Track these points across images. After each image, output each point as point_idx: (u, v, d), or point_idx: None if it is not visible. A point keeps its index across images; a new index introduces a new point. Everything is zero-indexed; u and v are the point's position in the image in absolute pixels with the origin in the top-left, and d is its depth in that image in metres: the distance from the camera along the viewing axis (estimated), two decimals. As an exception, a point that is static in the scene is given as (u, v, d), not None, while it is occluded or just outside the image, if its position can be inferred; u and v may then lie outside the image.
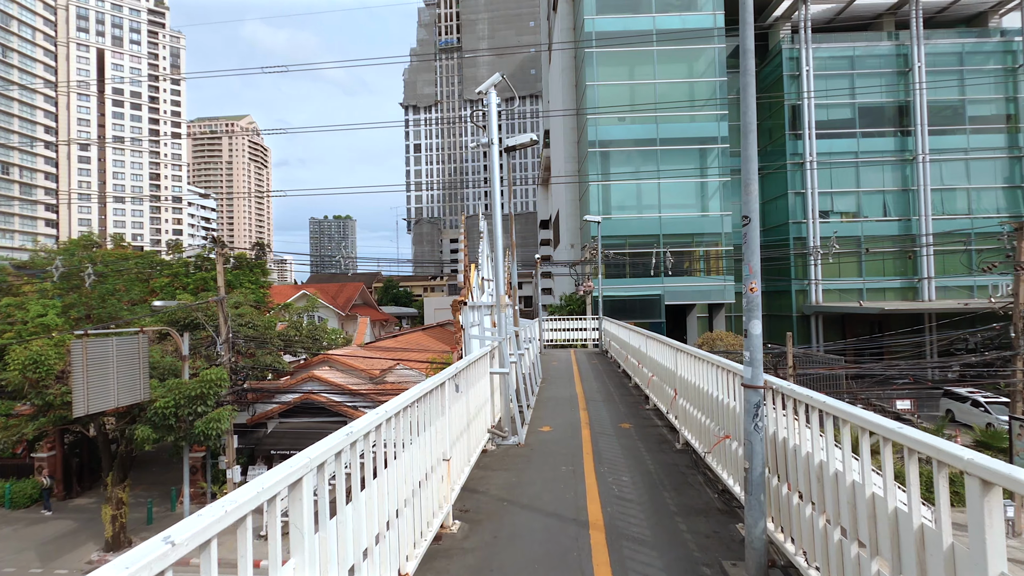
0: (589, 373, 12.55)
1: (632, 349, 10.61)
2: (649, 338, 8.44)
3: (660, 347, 7.52)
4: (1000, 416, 25.10)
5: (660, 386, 7.55)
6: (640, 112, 33.41)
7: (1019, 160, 35.88)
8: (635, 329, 10.30)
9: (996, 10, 37.46)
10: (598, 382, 11.20)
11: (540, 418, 7.86)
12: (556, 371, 13.03)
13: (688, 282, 33.52)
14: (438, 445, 3.73)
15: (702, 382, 5.12)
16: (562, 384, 11.02)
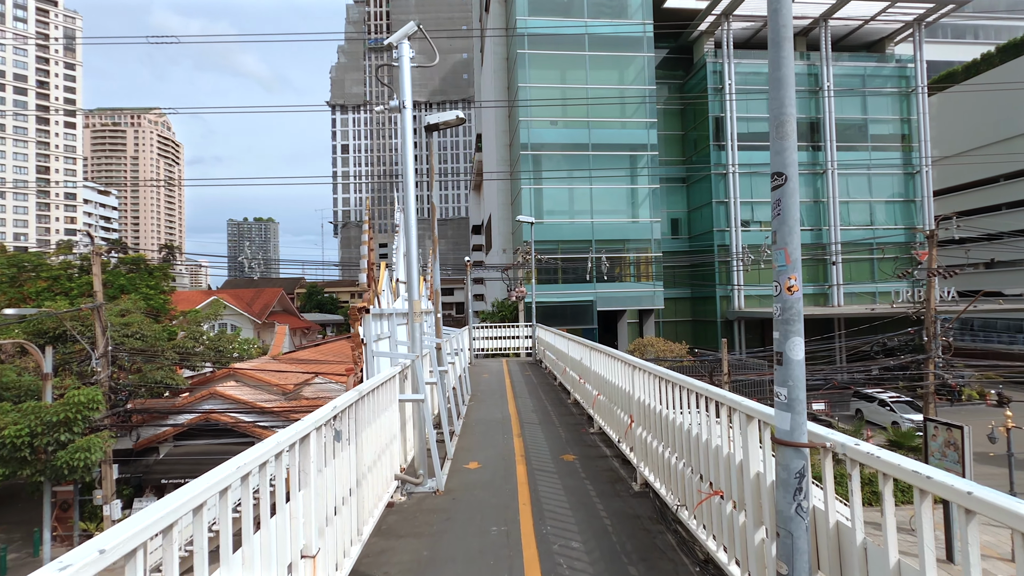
0: (523, 387, 11.47)
1: (571, 361, 9.50)
2: (593, 350, 7.31)
3: (609, 362, 6.43)
4: (904, 415, 26.70)
5: (609, 408, 6.43)
6: (572, 116, 33.08)
7: (912, 176, 39.09)
8: (573, 339, 9.20)
9: (892, 38, 40.81)
10: (533, 398, 10.13)
11: (467, 449, 6.54)
12: (487, 385, 11.80)
13: (620, 288, 33.46)
14: (291, 541, 2.30)
15: (673, 412, 3.96)
16: (493, 402, 9.81)
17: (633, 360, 5.13)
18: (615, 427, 5.95)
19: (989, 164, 49.91)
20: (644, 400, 4.72)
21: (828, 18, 37.47)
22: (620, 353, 5.82)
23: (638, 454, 4.92)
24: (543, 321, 32.16)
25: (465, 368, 10.82)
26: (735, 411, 2.97)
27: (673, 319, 40.27)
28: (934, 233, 15.51)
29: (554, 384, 11.67)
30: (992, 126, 48.52)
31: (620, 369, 5.71)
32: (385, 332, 5.27)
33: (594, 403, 7.26)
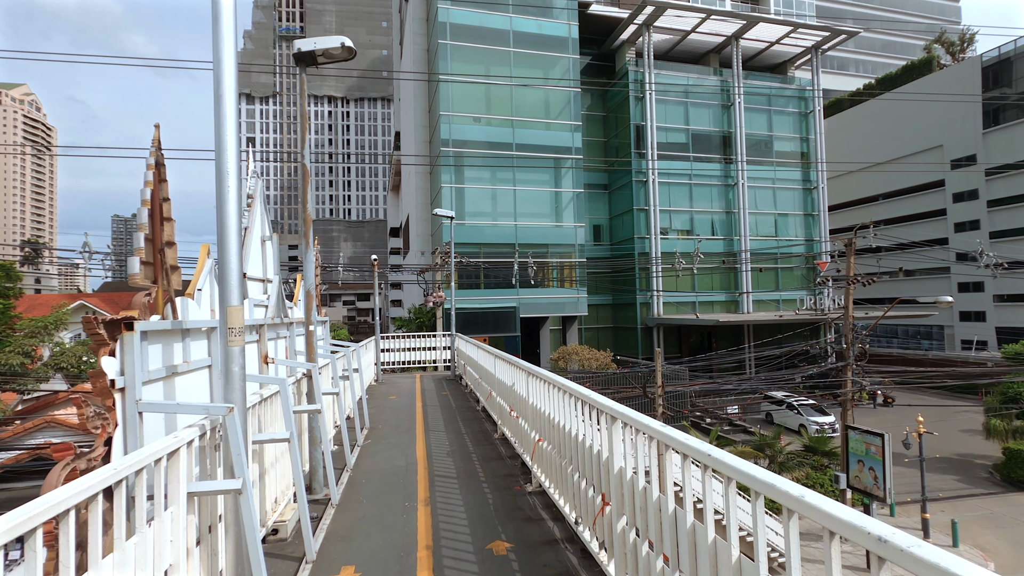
0: (438, 414, 9.55)
1: (499, 385, 7.70)
2: (532, 376, 5.49)
3: (561, 399, 4.44)
4: (810, 417, 27.82)
5: (561, 468, 4.51)
6: (496, 114, 31.77)
7: (810, 192, 41.81)
8: (502, 356, 7.47)
9: (793, 63, 43.62)
10: (450, 432, 8.25)
11: (343, 535, 4.49)
12: (393, 412, 9.78)
13: (543, 294, 32.49)
14: None
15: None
16: (398, 438, 7.86)
17: (610, 406, 3.32)
18: (574, 500, 4.13)
19: (872, 183, 55.11)
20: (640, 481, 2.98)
21: (739, 37, 39.17)
22: (579, 389, 3.98)
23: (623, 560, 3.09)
24: (463, 329, 30.42)
25: (364, 393, 8.79)
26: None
27: (595, 326, 40.06)
28: (852, 242, 15.73)
29: (476, 409, 9.91)
30: (874, 149, 53.62)
31: (578, 413, 3.93)
32: (186, 360, 3.22)
33: (534, 452, 5.47)
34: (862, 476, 14.46)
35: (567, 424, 4.21)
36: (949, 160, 47.79)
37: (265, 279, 6.11)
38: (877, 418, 28.60)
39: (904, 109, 50.38)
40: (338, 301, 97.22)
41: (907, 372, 24.10)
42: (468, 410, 9.90)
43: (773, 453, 19.19)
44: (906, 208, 51.36)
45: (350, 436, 7.51)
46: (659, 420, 11.67)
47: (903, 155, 50.79)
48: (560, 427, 4.43)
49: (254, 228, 5.33)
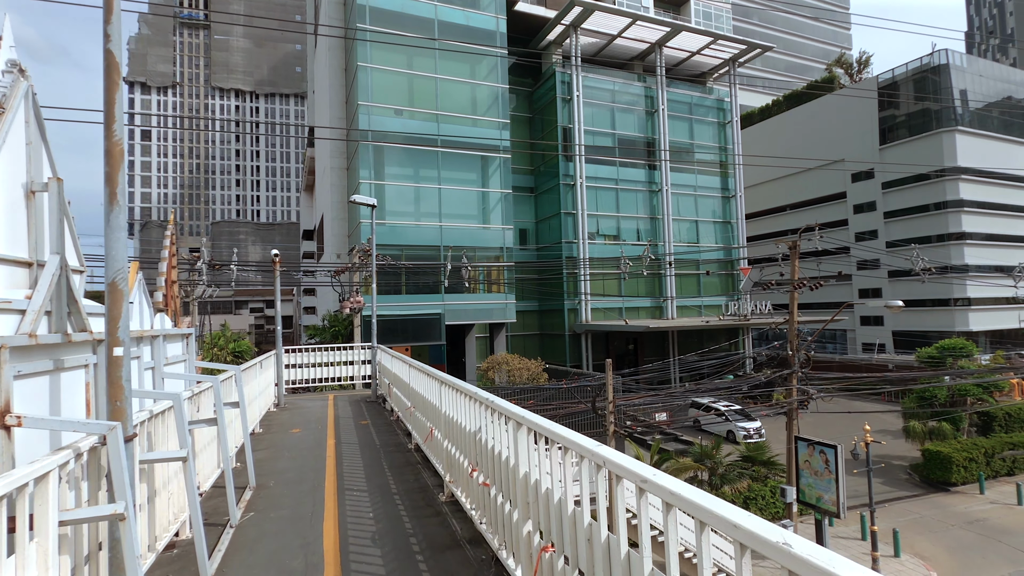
0: (356, 460, 7.02)
1: (446, 424, 5.20)
2: (497, 411, 3.62)
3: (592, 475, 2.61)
4: (738, 423, 27.82)
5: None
6: (419, 107, 29.46)
7: (728, 200, 43.09)
8: (449, 382, 5.05)
9: (711, 74, 45.00)
10: (376, 495, 5.65)
11: None
12: (294, 456, 7.19)
13: (469, 299, 30.45)
14: None
15: None
16: (295, 510, 5.33)
17: (626, 463, 2.06)
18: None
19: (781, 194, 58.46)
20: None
21: (663, 45, 39.63)
22: (576, 438, 2.54)
23: None
24: (384, 338, 27.62)
25: (255, 430, 6.28)
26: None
27: (523, 333, 38.59)
28: (796, 245, 15.22)
29: (408, 447, 7.52)
30: (783, 161, 56.81)
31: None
32: None
33: (537, 567, 3.08)
34: (808, 491, 13.74)
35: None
36: (850, 174, 51.57)
37: (30, 261, 3.67)
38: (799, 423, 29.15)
39: (810, 125, 53.91)
40: (244, 308, 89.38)
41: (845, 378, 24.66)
42: (397, 448, 7.62)
43: (713, 464, 18.39)
44: (812, 218, 54.75)
45: (222, 509, 5.02)
46: (611, 438, 9.95)
47: (809, 168, 54.25)
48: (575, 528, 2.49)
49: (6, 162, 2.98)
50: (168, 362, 5.47)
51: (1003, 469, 22.64)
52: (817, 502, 13.43)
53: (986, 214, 48.02)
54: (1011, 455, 22.81)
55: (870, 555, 14.72)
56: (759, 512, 17.71)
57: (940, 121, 47.13)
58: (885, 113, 49.76)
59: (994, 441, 22.86)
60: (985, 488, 21.16)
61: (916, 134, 48.10)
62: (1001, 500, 20.16)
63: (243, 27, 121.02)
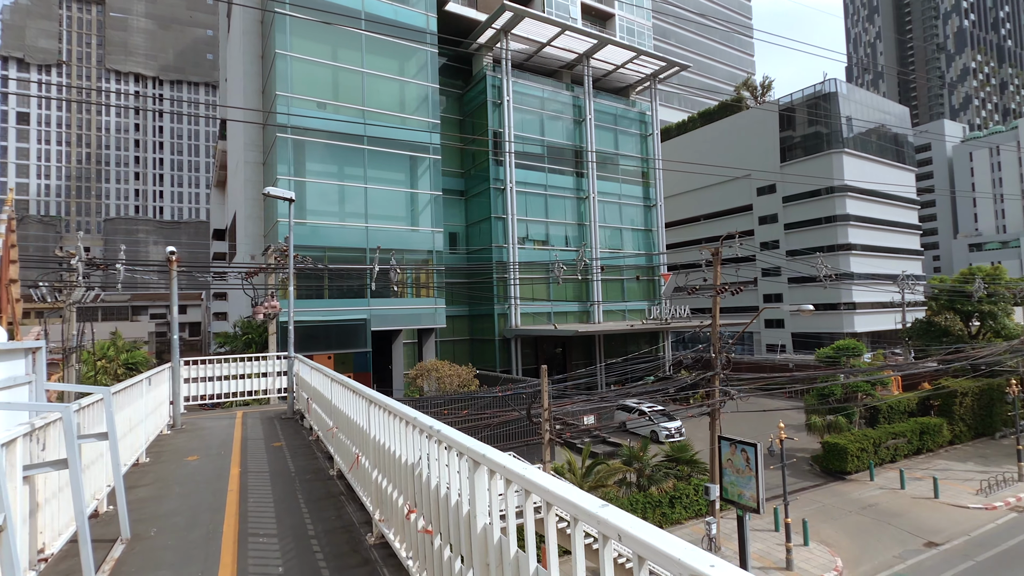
0: (266, 495, 5.82)
1: (368, 443, 4.51)
2: (444, 443, 2.91)
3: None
4: (661, 423, 28.87)
5: None
6: (345, 102, 28.11)
7: (650, 209, 44.97)
8: (379, 401, 4.17)
9: (634, 88, 46.86)
10: (287, 540, 4.69)
11: None
12: (187, 492, 6.02)
13: (397, 304, 29.40)
14: None
15: None
16: (179, 559, 4.39)
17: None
18: None
19: (695, 205, 61.99)
20: None
21: (590, 56, 40.70)
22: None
23: None
24: (304, 346, 25.97)
25: (119, 471, 4.99)
26: None
27: (452, 338, 37.94)
28: (718, 251, 15.94)
29: (330, 474, 6.42)
30: (697, 174, 60.28)
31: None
32: None
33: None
34: (731, 488, 14.34)
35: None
36: (756, 188, 55.65)
37: None
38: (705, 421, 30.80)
39: (721, 141, 57.64)
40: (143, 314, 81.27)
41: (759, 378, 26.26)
42: (316, 475, 6.50)
43: (641, 466, 18.82)
44: (723, 228, 58.50)
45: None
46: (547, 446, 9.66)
47: (720, 181, 57.98)
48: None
49: None
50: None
51: (888, 457, 25.12)
52: (739, 499, 14.05)
53: (867, 227, 53.69)
54: (893, 444, 25.37)
55: (784, 546, 15.64)
56: (683, 511, 18.35)
57: (830, 143, 52.15)
58: (785, 133, 54.30)
59: (880, 432, 25.32)
60: (875, 475, 23.36)
61: (810, 154, 52.88)
62: (888, 486, 22.33)
63: (144, 6, 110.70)
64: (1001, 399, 29.48)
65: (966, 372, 28.89)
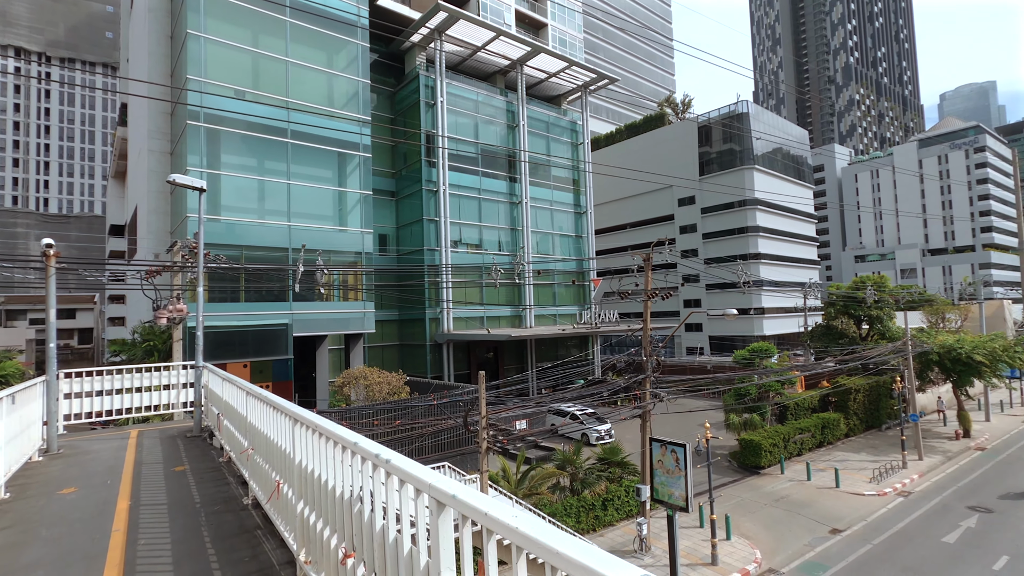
0: (161, 531, 4.84)
1: (292, 469, 3.80)
2: (397, 477, 2.30)
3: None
4: (592, 426, 29.36)
5: None
6: (267, 91, 26.31)
7: (580, 216, 45.94)
8: (307, 419, 3.45)
9: (566, 97, 47.80)
10: None
11: None
12: (52, 537, 4.76)
13: (322, 308, 27.84)
14: None
15: None
16: None
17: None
18: None
19: (621, 214, 64.19)
20: None
21: (523, 63, 41.02)
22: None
23: None
24: (216, 353, 23.91)
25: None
26: None
27: (381, 344, 36.61)
28: (649, 257, 16.35)
29: (243, 503, 5.42)
30: (623, 184, 62.56)
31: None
32: None
33: None
34: (661, 488, 14.67)
35: None
36: (677, 199, 58.52)
37: None
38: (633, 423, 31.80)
39: (646, 153, 60.15)
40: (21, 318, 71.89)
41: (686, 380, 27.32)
42: (227, 505, 5.42)
43: (574, 470, 18.90)
44: (647, 236, 61.09)
45: None
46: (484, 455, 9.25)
47: (645, 192, 60.48)
48: None
49: None
50: None
51: (795, 451, 27.05)
52: (669, 499, 14.40)
53: (774, 239, 58.10)
54: (800, 439, 27.38)
55: (710, 542, 16.25)
56: (615, 512, 18.62)
57: (742, 159, 56.00)
58: (703, 148, 57.62)
59: (789, 428, 27.23)
60: (785, 468, 25.04)
61: (725, 168, 56.49)
62: (796, 478, 24.00)
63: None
64: (887, 394, 32.77)
65: (858, 371, 31.82)
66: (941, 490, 22.42)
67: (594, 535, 17.58)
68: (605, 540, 17.32)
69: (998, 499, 20.96)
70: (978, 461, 26.27)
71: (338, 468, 2.85)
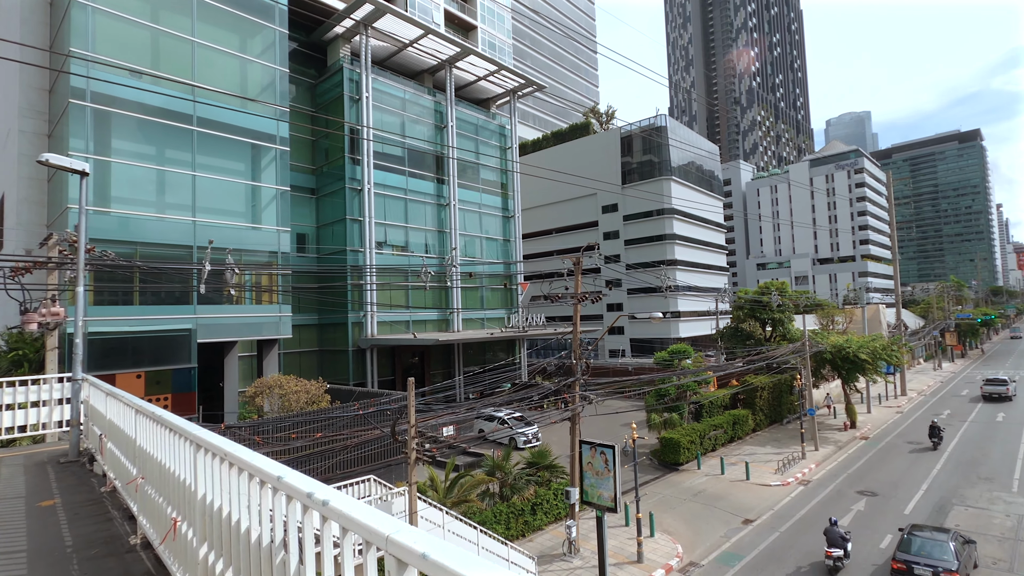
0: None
1: (193, 504, 3.02)
2: (338, 522, 1.72)
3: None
4: (519, 430, 29.33)
5: None
6: (168, 72, 23.89)
7: (508, 220, 46.05)
8: (212, 445, 2.70)
9: (494, 101, 47.84)
10: None
11: None
12: None
13: (232, 312, 25.66)
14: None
15: None
16: None
17: None
18: None
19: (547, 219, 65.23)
20: None
21: (453, 64, 40.52)
22: None
23: None
24: (105, 362, 21.28)
25: None
26: None
27: (299, 350, 34.50)
28: (579, 261, 16.48)
29: (129, 543, 4.43)
30: (550, 190, 63.67)
31: None
32: None
33: None
34: (591, 490, 14.76)
35: None
36: (601, 206, 60.40)
37: None
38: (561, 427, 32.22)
39: (572, 161, 61.58)
40: None
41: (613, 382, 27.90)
42: (109, 548, 4.38)
43: (503, 476, 18.64)
44: (573, 242, 62.51)
45: None
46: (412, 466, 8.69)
47: (570, 198, 61.88)
48: None
49: None
50: None
51: (710, 446, 28.58)
52: (598, 500, 14.52)
53: (689, 246, 61.60)
54: (714, 435, 28.98)
55: (635, 540, 16.59)
56: (544, 516, 18.56)
57: (661, 170, 58.92)
58: (625, 158, 60.00)
59: (704, 425, 28.73)
60: (701, 464, 26.35)
61: (645, 178, 59.16)
62: (712, 472, 25.32)
63: None
64: (788, 391, 35.59)
65: (764, 370, 34.32)
66: (834, 477, 24.55)
67: (523, 540, 17.40)
68: (535, 545, 17.20)
69: (881, 484, 23.28)
70: (863, 449, 29.13)
71: (255, 507, 2.31)
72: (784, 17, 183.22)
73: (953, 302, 79.27)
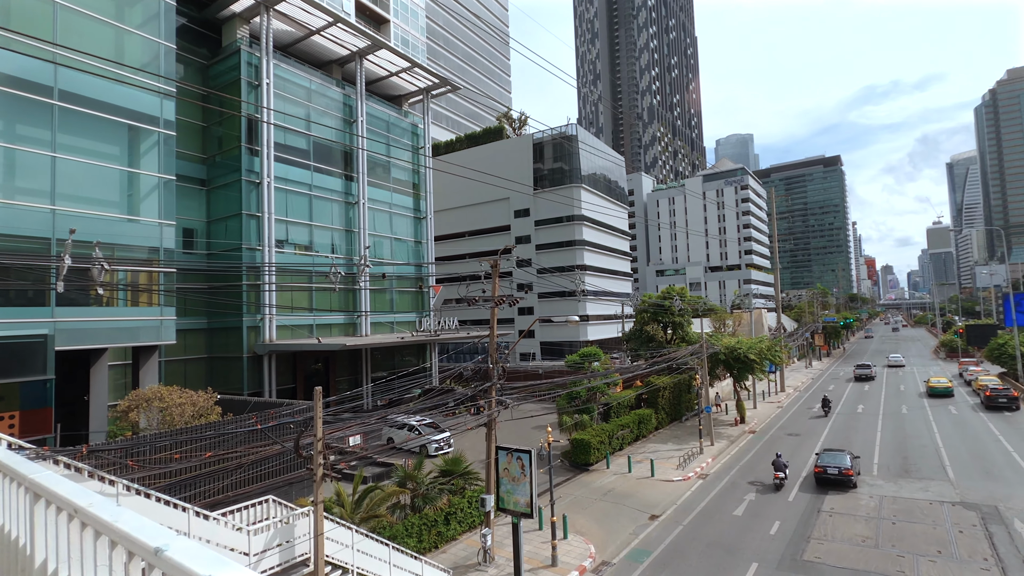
0: None
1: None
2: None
3: None
4: (431, 436, 28.53)
5: None
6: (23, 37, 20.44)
7: (420, 221, 45.00)
8: (104, 522, 1.86)
9: (407, 99, 46.62)
10: None
11: None
12: None
13: (100, 315, 22.46)
14: None
15: None
16: None
17: None
18: None
19: (460, 221, 64.75)
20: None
21: (364, 56, 38.87)
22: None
23: None
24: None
25: None
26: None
27: (184, 357, 31.17)
28: (497, 264, 16.26)
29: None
30: (463, 193, 63.28)
31: None
32: None
33: None
34: (507, 497, 14.56)
35: None
36: (514, 210, 61.00)
37: None
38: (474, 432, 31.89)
39: (485, 164, 61.63)
40: None
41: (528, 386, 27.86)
42: None
43: (415, 486, 17.91)
44: (486, 245, 62.55)
45: None
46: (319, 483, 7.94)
47: (483, 201, 61.90)
48: None
49: None
50: None
51: (618, 446, 29.65)
52: (515, 506, 14.33)
53: (597, 252, 64.10)
54: (621, 434, 30.13)
55: (550, 543, 16.62)
56: (458, 526, 18.07)
57: (571, 177, 60.79)
58: (537, 164, 61.20)
59: (612, 425, 29.77)
60: (610, 463, 27.22)
61: (556, 184, 60.73)
62: (620, 471, 26.24)
63: None
64: (687, 390, 38.01)
65: (665, 371, 36.39)
66: (729, 470, 26.48)
67: (437, 552, 16.79)
68: (448, 556, 16.65)
69: (768, 474, 25.46)
70: (752, 442, 31.77)
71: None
72: (681, 42, 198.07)
73: (820, 307, 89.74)
